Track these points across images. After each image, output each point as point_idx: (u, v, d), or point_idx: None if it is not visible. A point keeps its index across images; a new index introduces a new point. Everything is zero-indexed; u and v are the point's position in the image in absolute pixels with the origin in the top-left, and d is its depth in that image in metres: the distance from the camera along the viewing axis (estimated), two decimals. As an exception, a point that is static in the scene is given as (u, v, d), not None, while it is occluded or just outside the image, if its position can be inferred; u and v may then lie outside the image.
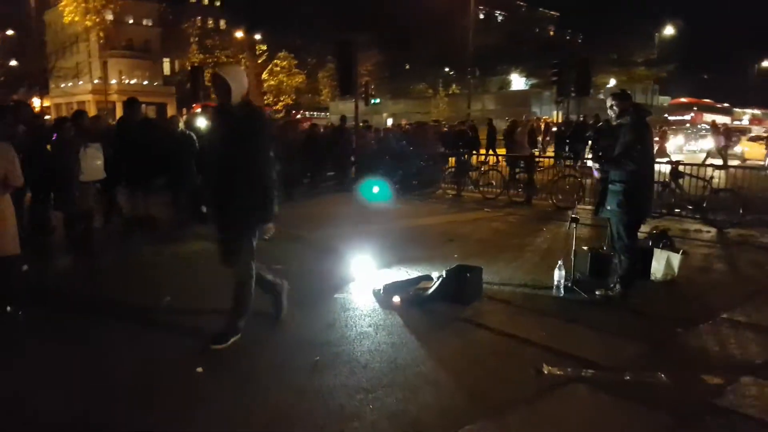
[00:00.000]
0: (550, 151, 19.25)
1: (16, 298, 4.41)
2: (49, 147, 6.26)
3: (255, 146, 3.66)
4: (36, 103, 36.88)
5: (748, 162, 18.76)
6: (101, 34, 36.25)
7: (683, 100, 41.97)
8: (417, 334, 4.13)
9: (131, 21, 48.93)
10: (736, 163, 15.69)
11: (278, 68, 37.90)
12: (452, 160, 13.37)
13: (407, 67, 46.61)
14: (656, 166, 9.15)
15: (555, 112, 27.16)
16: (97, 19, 31.21)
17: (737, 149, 22.55)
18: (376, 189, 6.89)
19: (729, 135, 21.83)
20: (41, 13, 43.35)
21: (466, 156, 13.77)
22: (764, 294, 5.23)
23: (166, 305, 4.65)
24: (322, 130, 15.63)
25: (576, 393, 3.31)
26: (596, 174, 5.27)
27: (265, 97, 37.89)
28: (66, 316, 4.46)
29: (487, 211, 10.01)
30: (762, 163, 18.43)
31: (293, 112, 39.90)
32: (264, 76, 32.79)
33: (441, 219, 9.20)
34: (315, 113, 43.56)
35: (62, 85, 47.51)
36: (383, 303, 4.77)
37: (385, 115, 38.61)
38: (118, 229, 7.56)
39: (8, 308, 4.35)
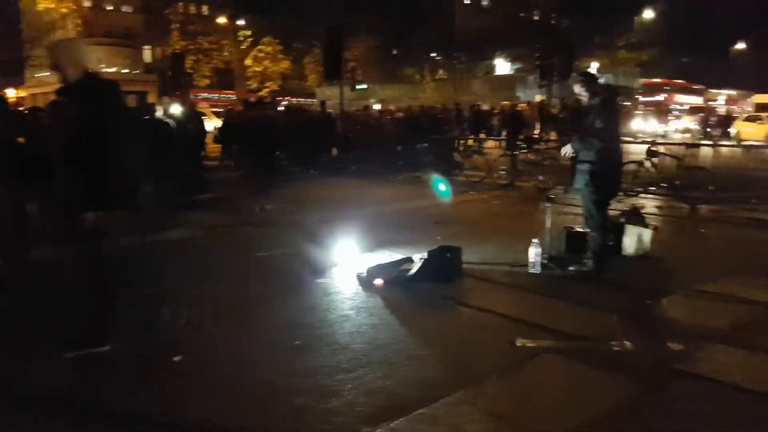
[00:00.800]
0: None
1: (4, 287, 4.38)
2: (21, 140, 6.10)
3: (91, 124, 3.38)
4: (11, 93, 36.10)
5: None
6: (78, 21, 35.41)
7: (656, 80, 40.67)
8: (397, 314, 4.21)
9: (110, 8, 47.94)
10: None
11: (263, 54, 37.49)
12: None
13: (394, 52, 46.33)
14: (634, 146, 9.47)
15: (538, 96, 27.30)
16: (74, 7, 30.44)
17: (732, 130, 22.95)
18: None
19: (666, 115, 23.34)
20: (16, 0, 42.26)
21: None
22: (730, 266, 5.40)
23: (153, 293, 4.64)
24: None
25: (548, 363, 3.44)
26: (568, 154, 5.39)
27: (248, 83, 37.44)
28: (51, 306, 4.37)
29: (472, 194, 10.16)
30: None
31: (278, 98, 39.59)
32: (248, 62, 32.39)
33: (427, 202, 9.30)
34: (302, 99, 43.27)
35: (38, 75, 46.42)
36: (366, 286, 4.82)
37: (372, 100, 38.46)
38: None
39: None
